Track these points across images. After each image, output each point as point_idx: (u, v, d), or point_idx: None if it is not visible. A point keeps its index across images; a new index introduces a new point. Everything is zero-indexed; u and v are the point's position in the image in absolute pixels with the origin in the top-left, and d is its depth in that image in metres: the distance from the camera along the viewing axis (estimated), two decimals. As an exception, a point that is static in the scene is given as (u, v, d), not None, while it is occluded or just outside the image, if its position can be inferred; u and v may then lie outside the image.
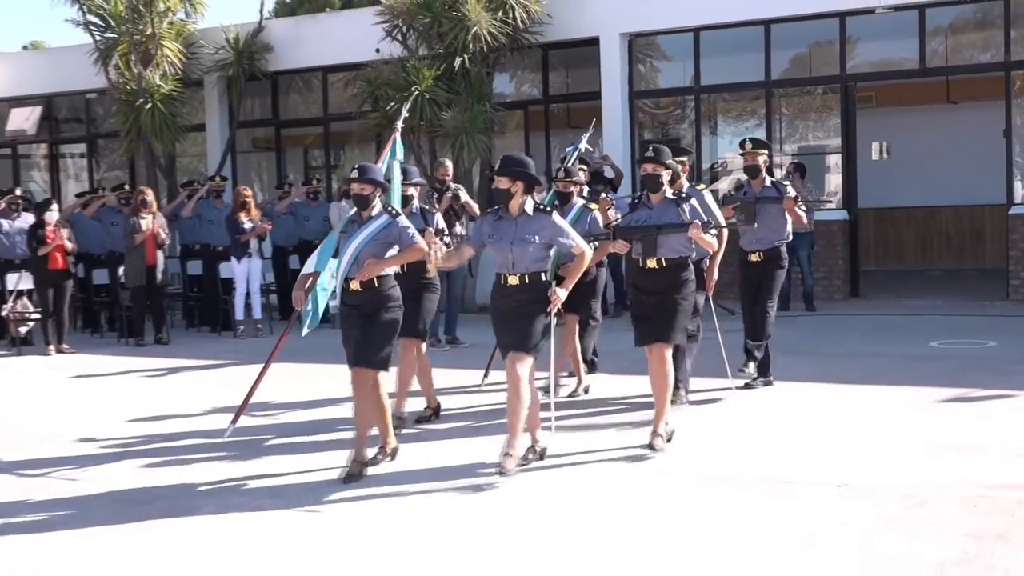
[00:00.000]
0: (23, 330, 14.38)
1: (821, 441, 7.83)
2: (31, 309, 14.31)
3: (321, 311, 7.97)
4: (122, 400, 10.63)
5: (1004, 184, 15.94)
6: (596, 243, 8.79)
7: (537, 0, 16.80)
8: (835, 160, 17.64)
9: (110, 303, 15.87)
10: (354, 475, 7.09)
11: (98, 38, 18.94)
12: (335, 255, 7.49)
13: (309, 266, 7.76)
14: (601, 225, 9.16)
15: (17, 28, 73.70)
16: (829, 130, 17.99)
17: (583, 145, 10.38)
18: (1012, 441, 7.54)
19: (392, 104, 16.46)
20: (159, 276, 14.62)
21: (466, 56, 16.51)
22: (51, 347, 14.02)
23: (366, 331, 7.13)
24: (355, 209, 7.36)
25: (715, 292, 9.37)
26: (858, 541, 5.59)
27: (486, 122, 16.74)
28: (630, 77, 17.38)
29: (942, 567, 5.14)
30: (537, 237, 6.97)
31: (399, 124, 9.12)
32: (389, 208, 7.36)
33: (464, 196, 12.40)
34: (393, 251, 7.21)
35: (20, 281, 14.37)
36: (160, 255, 14.64)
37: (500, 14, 16.45)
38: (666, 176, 7.67)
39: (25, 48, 35.19)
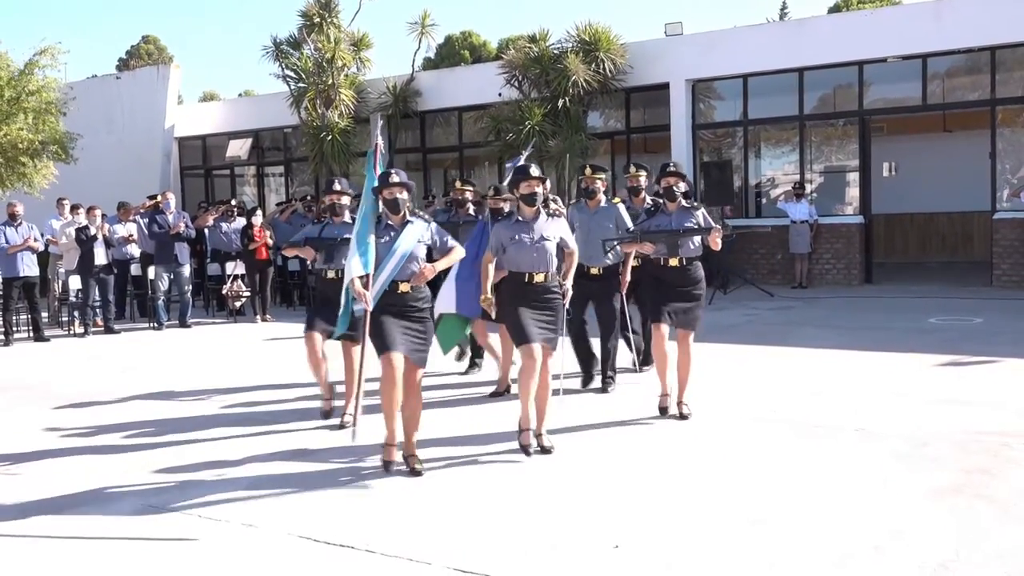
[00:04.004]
0: (238, 304, 14.75)
1: (843, 394, 7.64)
2: (243, 289, 14.65)
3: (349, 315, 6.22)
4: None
5: (989, 195, 15.51)
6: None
7: (621, 55, 16.75)
8: (854, 176, 17.23)
9: (300, 285, 16.16)
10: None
11: (292, 87, 19.27)
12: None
13: (359, 269, 5.83)
14: None
15: (234, 80, 76.07)
16: (849, 153, 17.57)
17: (523, 162, 9.55)
18: (994, 396, 7.30)
19: (511, 135, 16.54)
20: (338, 264, 14.84)
21: (567, 98, 16.53)
22: (257, 317, 14.33)
23: (419, 331, 5.81)
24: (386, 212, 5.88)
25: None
26: (875, 471, 5.45)
27: (581, 148, 16.69)
28: (693, 113, 17.20)
29: (940, 493, 5.01)
30: (553, 236, 6.27)
31: (380, 140, 6.61)
32: (420, 213, 6.05)
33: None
34: (423, 251, 5.92)
35: (236, 268, 14.75)
36: (338, 249, 14.86)
37: (593, 66, 16.50)
38: (682, 187, 7.02)
39: (240, 95, 36.03)
